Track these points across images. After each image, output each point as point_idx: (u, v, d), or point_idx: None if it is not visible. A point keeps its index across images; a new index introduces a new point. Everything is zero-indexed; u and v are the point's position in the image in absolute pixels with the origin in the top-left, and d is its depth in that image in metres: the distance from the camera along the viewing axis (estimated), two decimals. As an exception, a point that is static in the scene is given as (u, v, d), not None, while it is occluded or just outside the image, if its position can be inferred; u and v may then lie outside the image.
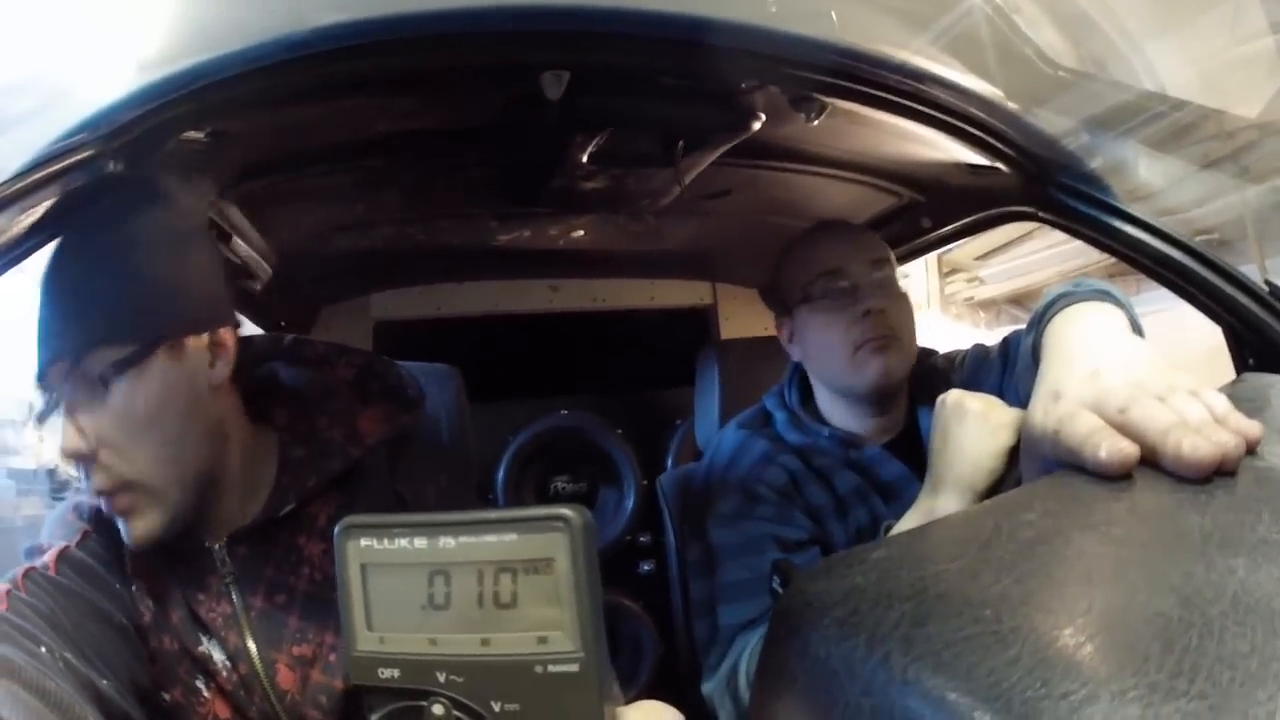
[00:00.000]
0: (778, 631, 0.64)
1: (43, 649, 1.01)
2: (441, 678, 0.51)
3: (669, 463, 3.08)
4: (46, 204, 1.14)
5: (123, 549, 1.27)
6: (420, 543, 0.52)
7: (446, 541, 0.52)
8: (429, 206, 2.37)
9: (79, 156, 1.14)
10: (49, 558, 1.18)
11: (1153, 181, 1.48)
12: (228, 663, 1.29)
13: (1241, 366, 1.55)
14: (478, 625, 0.51)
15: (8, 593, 1.09)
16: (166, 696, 1.28)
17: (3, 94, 1.05)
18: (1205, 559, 0.59)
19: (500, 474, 3.06)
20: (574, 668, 0.50)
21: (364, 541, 0.54)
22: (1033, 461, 0.90)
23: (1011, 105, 1.40)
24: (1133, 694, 0.46)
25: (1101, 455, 0.74)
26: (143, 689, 1.22)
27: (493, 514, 0.52)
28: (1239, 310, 1.49)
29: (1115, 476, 0.73)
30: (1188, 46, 1.25)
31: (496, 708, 0.51)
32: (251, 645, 1.29)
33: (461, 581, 0.52)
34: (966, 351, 1.88)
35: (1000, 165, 1.57)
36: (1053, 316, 1.17)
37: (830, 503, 1.74)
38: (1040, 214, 1.67)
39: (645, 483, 3.00)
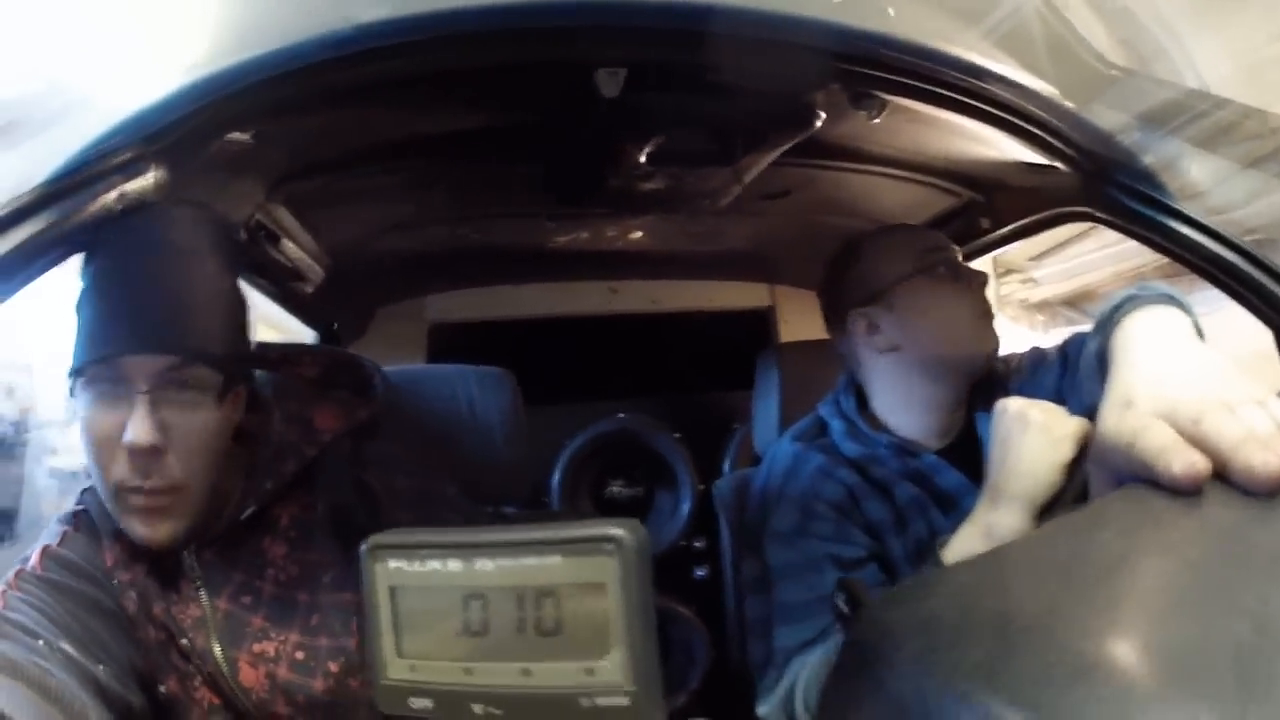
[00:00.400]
0: (848, 663, 0.60)
1: (40, 643, 1.03)
2: (479, 710, 0.48)
3: (726, 467, 3.06)
4: (90, 207, 1.12)
5: (102, 550, 1.31)
6: (454, 565, 0.49)
7: (484, 564, 0.48)
8: (482, 206, 2.35)
9: (120, 159, 1.13)
10: (34, 558, 1.22)
11: (1201, 180, 1.44)
12: (198, 660, 1.31)
13: None
14: (518, 654, 0.47)
15: (2, 592, 1.12)
16: (163, 688, 1.30)
17: (43, 94, 1.04)
18: (1274, 578, 0.57)
19: (555, 478, 3.05)
20: (624, 701, 0.46)
21: (393, 563, 0.51)
22: (1103, 470, 0.87)
23: (1067, 103, 1.36)
24: None
25: (1176, 470, 0.71)
26: (141, 675, 1.24)
27: (535, 532, 0.48)
28: None
29: (1185, 492, 0.70)
30: (1230, 43, 1.21)
31: None
32: (215, 646, 1.31)
33: (500, 606, 0.48)
34: (1023, 355, 1.84)
35: (1058, 164, 1.53)
36: (1120, 320, 1.13)
37: (890, 517, 1.70)
38: (1098, 214, 1.62)
39: (701, 487, 2.96)
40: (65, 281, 1.19)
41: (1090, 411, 1.12)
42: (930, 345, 1.78)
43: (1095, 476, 0.91)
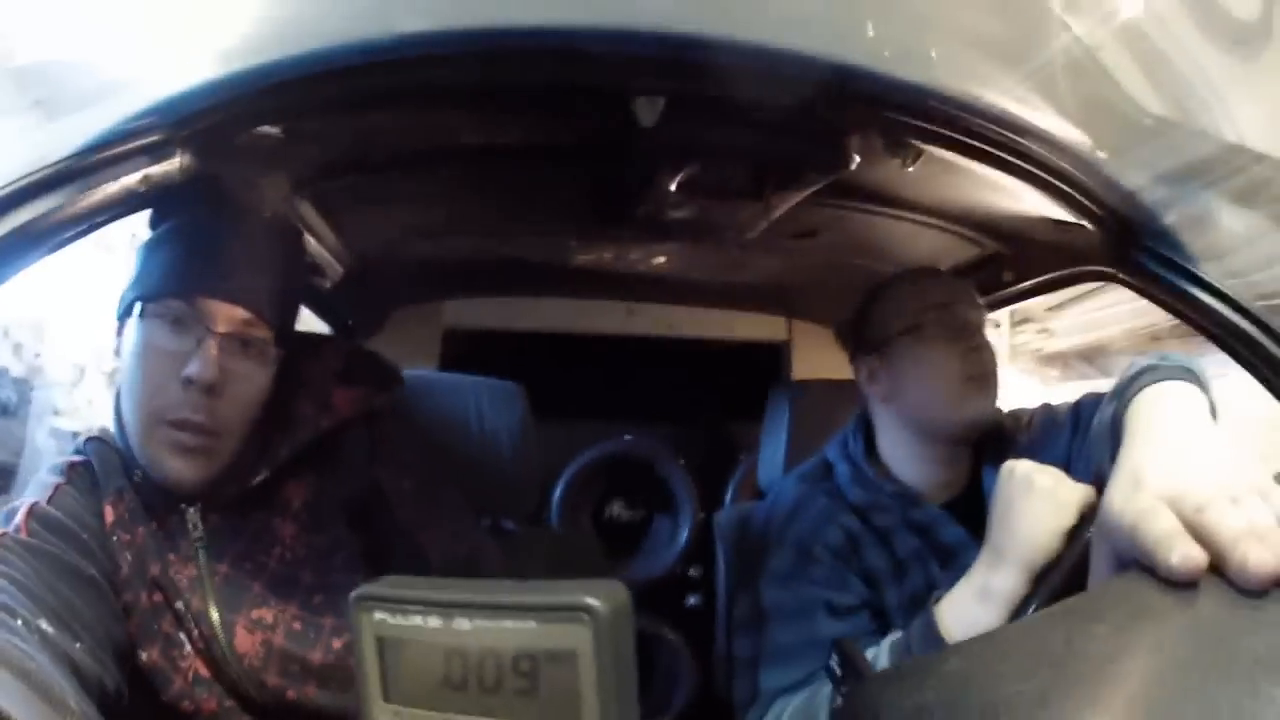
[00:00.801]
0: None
1: (19, 622, 1.03)
2: None
3: (728, 498, 3.04)
4: (113, 185, 1.13)
5: (98, 502, 1.34)
6: (435, 622, 0.48)
7: (462, 623, 0.48)
8: (510, 220, 2.35)
9: (146, 140, 1.12)
10: (19, 517, 1.23)
11: (1228, 239, 1.43)
12: (191, 623, 1.34)
13: None
14: (495, 710, 0.47)
15: None
16: (144, 656, 1.32)
17: (77, 73, 1.04)
18: (1252, 687, 0.57)
19: (557, 494, 3.04)
20: None
21: (378, 615, 0.51)
22: (1104, 544, 0.87)
23: (1100, 154, 1.35)
24: None
25: (1174, 560, 0.72)
26: (119, 646, 1.26)
27: (513, 595, 0.48)
28: None
29: (1183, 584, 0.71)
30: (1270, 95, 1.21)
31: None
32: (212, 610, 1.35)
33: (479, 664, 0.48)
34: (1033, 412, 1.83)
35: (1086, 223, 1.52)
36: (1138, 392, 1.13)
37: (888, 566, 1.69)
38: (1120, 275, 1.61)
39: (702, 516, 2.96)
40: (75, 250, 1.20)
41: (1098, 477, 1.12)
42: (915, 404, 1.79)
43: (1098, 549, 0.91)
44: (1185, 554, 0.71)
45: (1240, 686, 0.57)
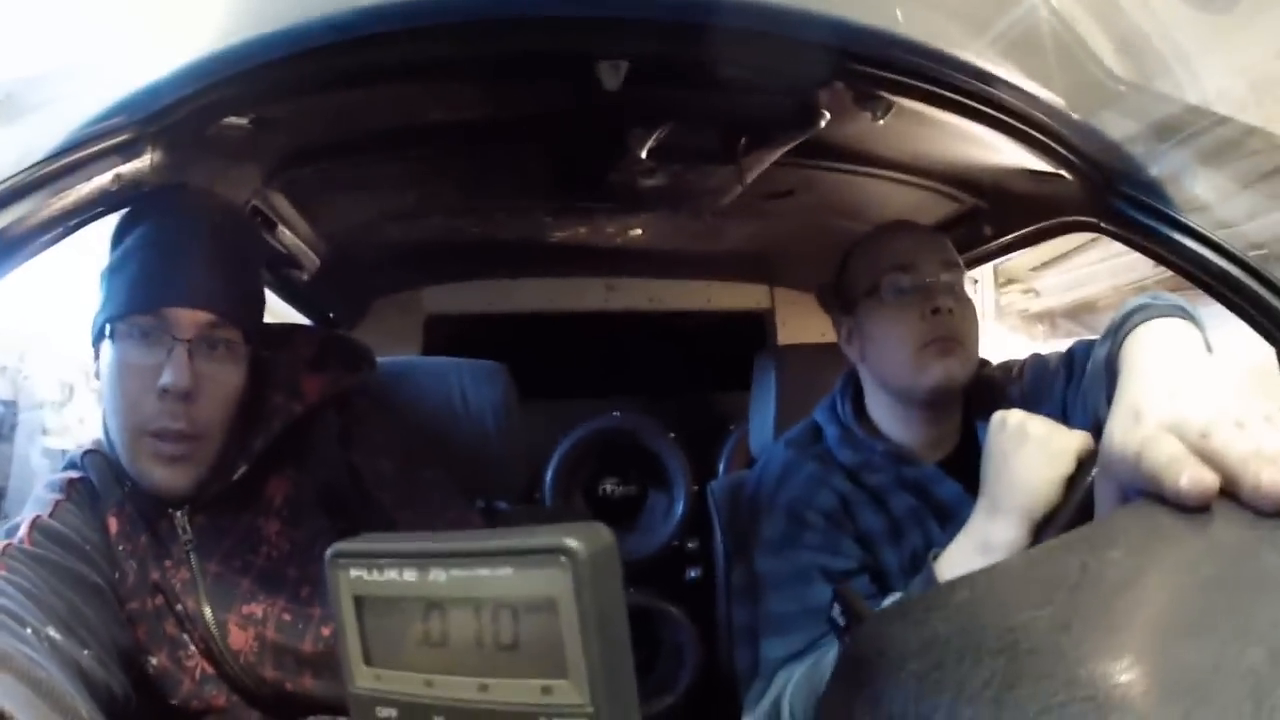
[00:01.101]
0: (845, 677, 0.59)
1: (28, 630, 1.05)
2: None
3: (721, 469, 3.04)
4: (85, 187, 1.12)
5: (101, 516, 1.38)
6: (410, 575, 0.47)
7: (438, 574, 0.46)
8: (482, 198, 2.34)
9: (117, 139, 1.13)
10: (23, 530, 1.26)
11: (1207, 193, 1.42)
12: (190, 624, 1.37)
13: None
14: (477, 668, 0.45)
15: None
16: (153, 661, 1.36)
17: (41, 74, 1.03)
18: None
19: (548, 474, 3.03)
20: None
21: (354, 572, 0.49)
22: (1110, 483, 0.86)
23: (1074, 114, 1.34)
24: None
25: (1183, 484, 0.70)
26: (125, 652, 1.30)
27: (489, 541, 0.45)
28: None
29: (1196, 507, 0.69)
30: (1237, 58, 1.20)
31: None
32: (206, 609, 1.37)
33: (458, 618, 0.46)
34: (1024, 362, 1.81)
35: (1064, 172, 1.51)
36: (1131, 329, 1.12)
37: (885, 527, 1.68)
38: (1103, 224, 1.60)
39: (696, 488, 2.95)
40: (60, 265, 1.20)
41: (1097, 421, 1.11)
42: (881, 366, 1.77)
43: (1102, 489, 0.90)
44: (1194, 476, 0.70)
45: (1275, 604, 0.56)
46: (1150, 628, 0.56)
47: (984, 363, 1.86)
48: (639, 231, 2.65)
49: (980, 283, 4.97)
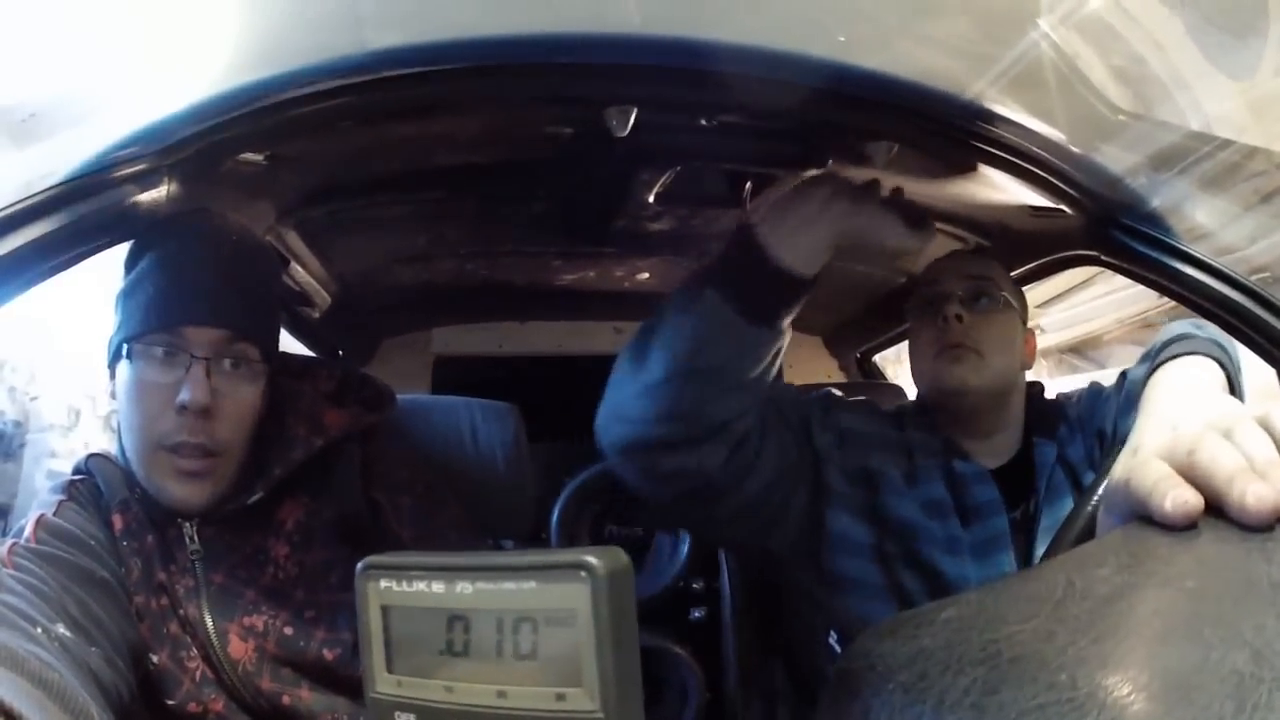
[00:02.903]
0: (837, 693, 0.60)
1: (39, 629, 1.05)
2: None
3: (727, 511, 3.04)
4: (101, 213, 1.14)
5: (105, 515, 1.37)
6: (438, 587, 0.49)
7: (464, 587, 0.49)
8: (491, 242, 2.37)
9: (134, 169, 1.15)
10: (29, 530, 1.26)
11: (1209, 220, 1.44)
12: (192, 629, 1.37)
13: None
14: (495, 676, 0.48)
15: None
16: (155, 659, 1.35)
17: (67, 96, 1.05)
18: (1275, 609, 0.56)
19: (555, 516, 3.04)
20: None
21: (384, 583, 0.52)
22: (1110, 514, 0.87)
23: (1074, 148, 1.36)
24: None
25: (1166, 506, 0.71)
26: (133, 647, 1.29)
27: (514, 559, 0.49)
28: None
29: (1182, 526, 0.70)
30: (1234, 79, 1.22)
31: None
32: (207, 617, 1.37)
33: (480, 629, 0.48)
34: (1083, 389, 1.81)
35: (1064, 207, 1.53)
36: (1165, 361, 1.16)
37: (915, 513, 1.65)
38: (1103, 257, 1.61)
39: (701, 530, 2.96)
40: (69, 289, 1.22)
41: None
42: (914, 373, 1.80)
43: (1104, 524, 0.91)
44: (1178, 497, 0.71)
45: (1260, 610, 0.56)
46: (1134, 635, 0.58)
47: (1040, 387, 1.86)
48: (647, 275, 2.67)
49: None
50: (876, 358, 3.38)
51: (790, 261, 1.33)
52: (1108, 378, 1.70)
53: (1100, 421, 1.66)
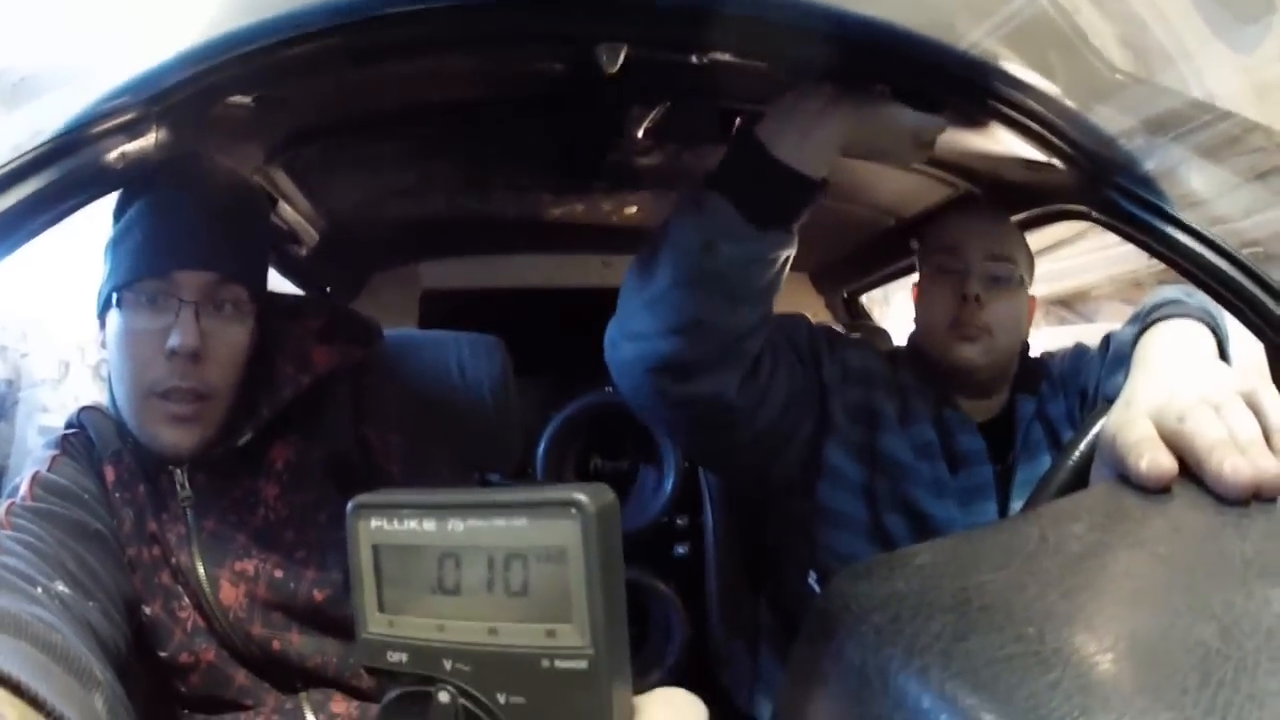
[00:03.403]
0: (812, 631, 0.62)
1: (39, 589, 1.06)
2: (448, 665, 0.49)
3: (711, 445, 3.05)
4: (90, 166, 1.13)
5: (97, 467, 1.40)
6: (429, 525, 0.49)
7: (455, 525, 0.49)
8: (482, 177, 2.36)
9: (121, 119, 1.13)
10: (24, 488, 1.28)
11: (1203, 189, 1.43)
12: (183, 577, 1.39)
13: None
14: (486, 613, 0.48)
15: None
16: (147, 610, 1.38)
17: (46, 55, 1.04)
18: (1245, 587, 0.58)
19: (541, 448, 3.05)
20: (582, 665, 0.46)
21: (375, 522, 0.51)
22: (1101, 465, 0.89)
23: (1069, 102, 1.36)
24: None
25: (1142, 466, 0.73)
26: (128, 599, 1.32)
27: (504, 496, 0.48)
28: None
29: (1157, 490, 0.72)
30: (1239, 56, 1.21)
31: (502, 699, 0.48)
32: (199, 564, 1.39)
33: (471, 567, 0.49)
34: (1068, 349, 1.85)
35: (1057, 162, 1.53)
36: (1154, 323, 1.17)
37: (906, 453, 1.68)
38: (1094, 214, 1.61)
39: (686, 465, 2.97)
40: (59, 244, 1.22)
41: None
42: (920, 327, 1.80)
43: (1095, 476, 0.92)
44: (1153, 459, 0.73)
45: (1231, 585, 0.58)
46: (1103, 594, 0.59)
47: (1026, 345, 1.87)
48: (635, 209, 2.67)
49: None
50: (863, 298, 3.39)
51: (795, 162, 1.33)
52: (1095, 333, 1.71)
53: (1083, 381, 1.69)
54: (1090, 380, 1.67)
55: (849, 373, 1.73)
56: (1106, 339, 1.68)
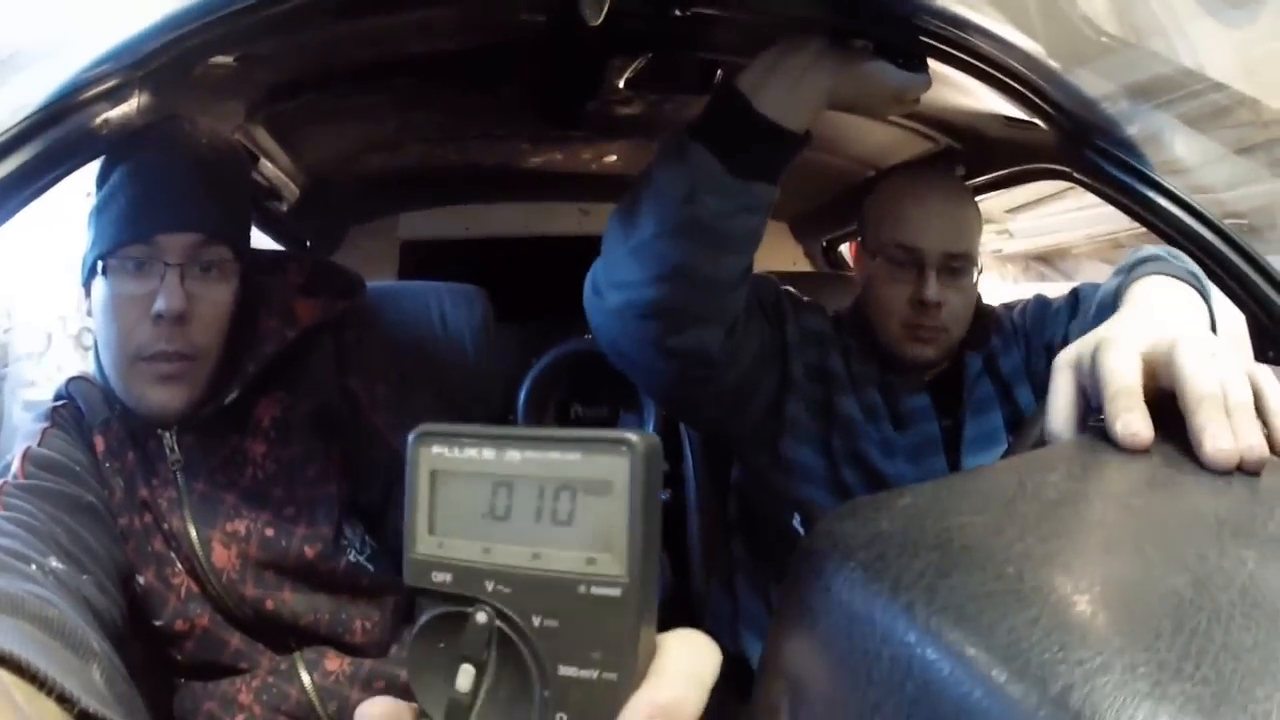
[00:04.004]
0: (800, 571, 0.64)
1: (33, 566, 1.07)
2: (490, 586, 0.51)
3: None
4: (74, 134, 1.13)
5: (88, 436, 1.40)
6: (488, 453, 0.51)
7: (512, 454, 0.51)
8: (461, 126, 2.36)
9: (104, 86, 1.13)
10: (16, 465, 1.28)
11: (1187, 157, 1.45)
12: (175, 542, 1.40)
13: (1261, 358, 1.51)
14: (531, 539, 0.50)
15: None
16: (141, 580, 1.39)
17: (28, 29, 1.04)
18: (1219, 544, 0.59)
19: (521, 395, 3.07)
20: (616, 592, 0.48)
21: (435, 449, 0.53)
22: (1059, 372, 0.87)
23: (1052, 63, 1.37)
24: (1143, 669, 0.46)
25: (1116, 427, 0.72)
26: (122, 571, 1.33)
27: (560, 432, 0.51)
28: (1264, 300, 1.46)
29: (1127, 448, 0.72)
30: (1231, 31, 1.22)
31: (536, 622, 0.50)
32: (191, 528, 1.40)
33: (522, 495, 0.51)
34: (1027, 302, 1.84)
35: (1038, 121, 1.54)
36: (1144, 275, 1.16)
37: (856, 412, 1.71)
38: (1074, 174, 1.63)
39: (665, 412, 2.99)
40: (36, 215, 1.21)
41: None
42: (868, 311, 1.78)
43: (1058, 405, 0.90)
44: (1128, 423, 0.72)
45: (1204, 540, 0.59)
46: (1079, 540, 0.61)
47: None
48: (614, 158, 2.67)
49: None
50: (842, 248, 3.40)
51: (779, 116, 1.32)
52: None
53: (1050, 335, 1.70)
54: (1057, 333, 1.68)
55: (806, 335, 1.74)
56: (1074, 292, 1.69)
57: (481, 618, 0.51)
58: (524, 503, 0.50)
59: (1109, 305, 1.21)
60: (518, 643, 0.50)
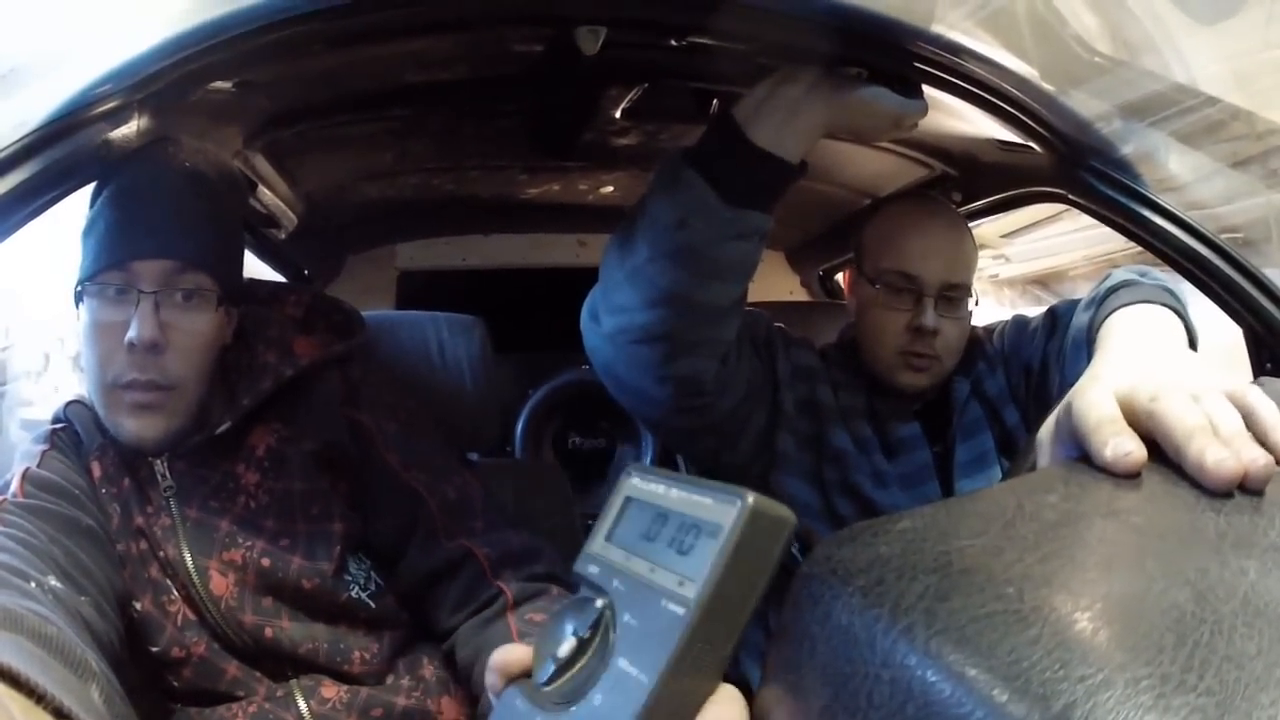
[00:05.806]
0: (799, 596, 0.63)
1: (32, 584, 1.06)
2: (614, 584, 0.62)
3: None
4: (74, 154, 1.14)
5: (85, 461, 1.40)
6: (663, 489, 0.63)
7: (677, 494, 0.62)
8: (457, 156, 2.36)
9: (104, 108, 1.14)
10: (14, 484, 1.28)
11: (1181, 174, 1.45)
12: (172, 570, 1.39)
13: (1259, 370, 1.53)
14: (657, 558, 0.60)
15: None
16: (138, 606, 1.38)
17: (30, 46, 1.05)
18: (1220, 556, 0.59)
19: (519, 428, 3.07)
20: (680, 610, 0.56)
21: (635, 480, 0.66)
22: (1058, 442, 0.84)
23: (1046, 86, 1.37)
24: (1145, 683, 0.46)
25: (1106, 453, 0.70)
26: (120, 594, 1.32)
27: (713, 483, 0.60)
28: (1261, 312, 1.46)
29: (1120, 475, 0.70)
30: (1222, 43, 1.22)
31: (626, 618, 0.60)
32: (187, 555, 1.39)
33: (670, 525, 0.61)
34: (1005, 323, 1.84)
35: (1033, 144, 1.55)
36: (1116, 307, 1.16)
37: (847, 444, 1.71)
38: (1070, 196, 1.63)
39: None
40: (40, 239, 1.21)
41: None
42: (862, 339, 1.79)
43: (1052, 454, 0.89)
44: (1118, 446, 0.69)
45: (1204, 554, 0.58)
46: (1079, 559, 0.60)
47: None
48: (611, 189, 2.68)
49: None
50: (838, 276, 3.41)
51: (771, 145, 1.33)
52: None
53: (1028, 356, 1.71)
54: (1034, 354, 1.68)
55: (797, 370, 1.75)
56: (1051, 311, 1.69)
57: (599, 603, 0.61)
58: (668, 531, 0.61)
59: (1081, 342, 1.22)
60: (611, 631, 0.60)
